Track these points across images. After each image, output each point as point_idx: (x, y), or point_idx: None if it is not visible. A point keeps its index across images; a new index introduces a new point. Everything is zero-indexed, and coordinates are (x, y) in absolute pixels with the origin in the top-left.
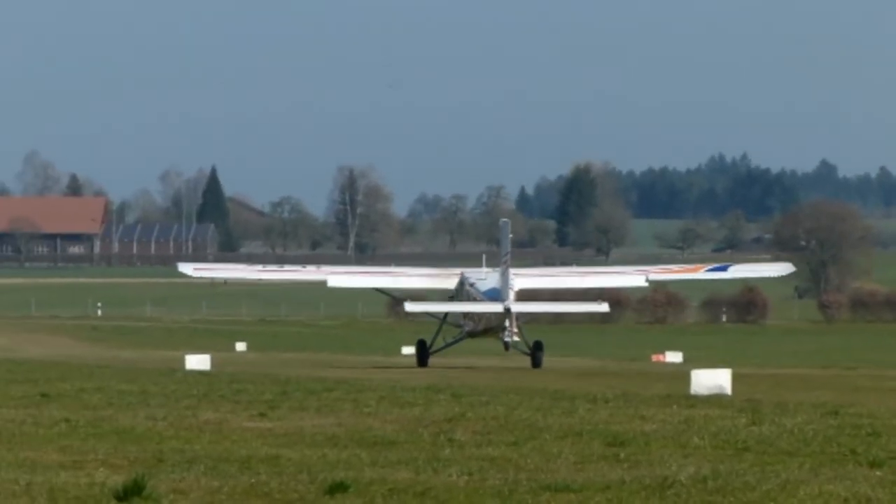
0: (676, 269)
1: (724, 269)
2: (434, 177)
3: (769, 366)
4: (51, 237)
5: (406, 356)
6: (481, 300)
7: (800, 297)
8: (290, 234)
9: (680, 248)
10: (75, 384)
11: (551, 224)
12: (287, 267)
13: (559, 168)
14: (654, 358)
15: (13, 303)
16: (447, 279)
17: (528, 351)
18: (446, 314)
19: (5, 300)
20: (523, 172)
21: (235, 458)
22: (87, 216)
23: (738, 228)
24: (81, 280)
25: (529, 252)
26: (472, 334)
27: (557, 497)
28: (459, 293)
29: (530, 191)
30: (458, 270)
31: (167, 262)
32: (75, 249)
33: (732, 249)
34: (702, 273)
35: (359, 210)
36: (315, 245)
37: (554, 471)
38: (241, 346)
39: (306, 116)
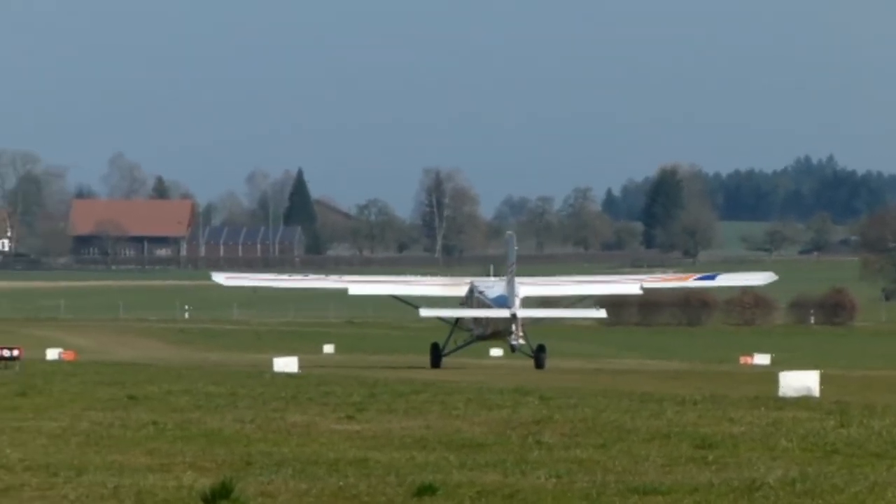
0: (668, 277)
1: (712, 277)
2: (520, 179)
3: (857, 368)
4: (137, 240)
5: (493, 358)
6: (490, 306)
7: (887, 298)
8: (376, 237)
9: (767, 251)
10: (163, 387)
11: (638, 226)
12: (311, 276)
13: (646, 170)
14: (742, 360)
15: (101, 305)
16: (458, 287)
17: (531, 353)
18: (457, 320)
19: (94, 303)
20: (610, 174)
21: (323, 460)
22: (174, 219)
23: (825, 230)
24: (169, 283)
25: (617, 254)
26: (481, 338)
27: (645, 499)
28: (469, 300)
29: (617, 192)
30: (467, 279)
31: (254, 265)
32: (162, 252)
33: (819, 251)
34: (691, 281)
35: (445, 212)
36: (402, 247)
37: (642, 473)
38: (328, 349)
39: (392, 118)
